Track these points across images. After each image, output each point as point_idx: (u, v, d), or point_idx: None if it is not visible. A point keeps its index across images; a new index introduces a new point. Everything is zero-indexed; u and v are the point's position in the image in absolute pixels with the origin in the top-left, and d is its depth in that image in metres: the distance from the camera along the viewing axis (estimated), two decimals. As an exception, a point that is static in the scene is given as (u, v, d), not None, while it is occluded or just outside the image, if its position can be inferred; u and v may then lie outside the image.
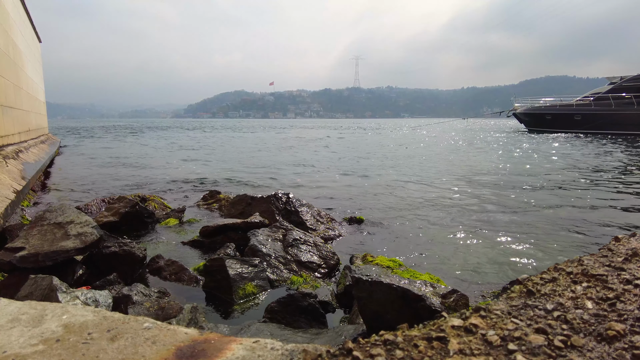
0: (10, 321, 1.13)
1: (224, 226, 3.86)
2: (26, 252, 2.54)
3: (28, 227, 2.89)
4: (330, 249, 3.53)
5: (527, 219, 5.00)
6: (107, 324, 1.12)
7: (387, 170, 10.28)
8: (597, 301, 1.13)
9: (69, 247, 2.67)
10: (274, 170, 10.41)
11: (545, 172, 9.38)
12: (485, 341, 0.94)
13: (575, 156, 13.05)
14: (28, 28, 11.82)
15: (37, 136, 11.72)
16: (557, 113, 30.02)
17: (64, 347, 1.00)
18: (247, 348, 1.00)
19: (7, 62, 7.60)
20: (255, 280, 2.82)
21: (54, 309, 1.21)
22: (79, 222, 2.93)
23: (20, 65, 9.45)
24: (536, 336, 0.95)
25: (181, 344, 1.02)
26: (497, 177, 8.70)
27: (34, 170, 6.67)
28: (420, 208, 5.71)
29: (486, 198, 6.37)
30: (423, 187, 7.57)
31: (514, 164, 11.18)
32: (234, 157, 14.01)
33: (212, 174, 9.37)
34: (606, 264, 1.38)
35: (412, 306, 1.82)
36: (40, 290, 2.10)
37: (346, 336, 1.91)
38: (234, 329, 2.09)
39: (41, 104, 14.12)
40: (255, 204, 4.66)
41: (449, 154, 14.90)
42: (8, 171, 5.13)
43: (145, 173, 9.65)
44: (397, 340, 0.96)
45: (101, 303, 2.16)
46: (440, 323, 1.03)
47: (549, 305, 1.11)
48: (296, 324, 2.24)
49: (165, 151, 16.60)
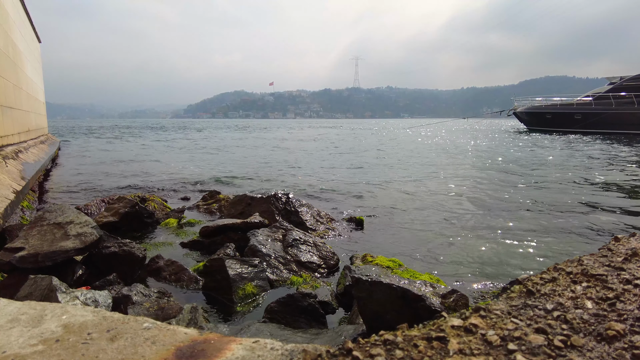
0: (9, 321, 1.13)
1: (223, 226, 3.86)
2: (26, 253, 2.54)
3: (27, 227, 2.89)
4: (330, 249, 3.53)
5: (526, 219, 5.00)
6: (106, 324, 1.12)
7: (386, 170, 10.28)
8: (596, 301, 1.13)
9: (68, 248, 2.67)
10: (274, 170, 10.41)
11: (545, 171, 9.39)
12: (485, 341, 0.94)
13: (575, 155, 13.06)
14: (28, 28, 11.82)
15: (37, 136, 11.72)
16: (558, 112, 30.04)
17: (63, 347, 1.00)
18: (247, 348, 1.00)
19: (7, 63, 7.59)
20: (255, 280, 2.82)
21: (54, 309, 1.21)
22: (78, 222, 2.93)
23: (20, 65, 9.44)
24: (536, 336, 0.95)
25: (181, 344, 1.02)
26: (496, 176, 8.70)
27: (33, 171, 6.67)
28: (419, 208, 5.71)
29: (485, 198, 6.37)
30: (422, 187, 7.57)
31: (513, 163, 11.18)
32: (234, 157, 14.01)
33: (212, 174, 9.37)
34: (606, 263, 1.38)
35: (412, 306, 1.82)
36: (40, 291, 2.09)
37: (346, 336, 1.91)
38: (234, 329, 2.09)
39: (41, 104, 14.12)
40: (255, 204, 4.66)
41: (448, 153, 14.91)
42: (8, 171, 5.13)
43: (145, 173, 9.65)
44: (397, 340, 0.96)
45: (101, 303, 2.16)
46: (440, 323, 1.03)
47: (549, 305, 1.11)
48: (296, 324, 2.24)
49: (165, 151, 16.60)
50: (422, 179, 8.62)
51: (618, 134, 26.16)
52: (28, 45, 11.29)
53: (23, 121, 9.29)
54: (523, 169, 10.05)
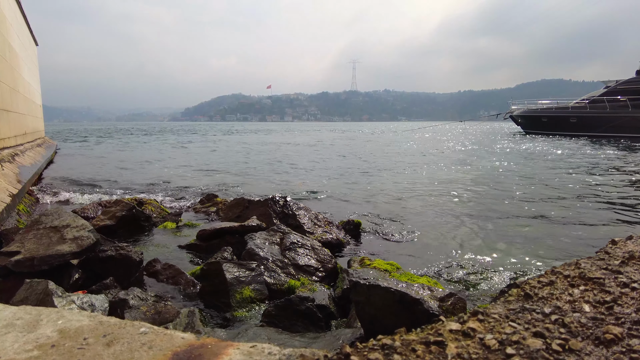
0: (5, 326, 1.12)
1: (221, 230, 3.85)
2: (21, 257, 2.52)
3: (23, 231, 2.87)
4: (328, 253, 3.52)
5: (523, 223, 5.01)
6: (103, 329, 1.11)
7: (384, 173, 10.29)
8: (594, 304, 1.13)
9: (64, 251, 2.65)
10: (271, 173, 10.40)
11: (541, 174, 9.42)
12: (483, 345, 0.94)
13: (570, 159, 13.11)
14: (25, 31, 11.80)
15: (34, 139, 11.68)
16: (553, 115, 30.19)
17: (59, 352, 0.99)
18: (244, 353, 0.99)
19: (4, 65, 7.57)
20: (252, 284, 2.81)
21: (49, 314, 1.20)
22: (75, 226, 2.91)
23: (17, 68, 9.42)
24: (534, 340, 0.95)
25: (178, 349, 1.02)
26: (493, 180, 8.72)
27: (30, 174, 6.64)
28: (417, 212, 5.72)
29: (483, 202, 6.39)
30: (420, 190, 7.58)
31: (510, 166, 11.22)
32: (231, 160, 14.00)
33: (209, 177, 9.35)
34: (603, 267, 1.38)
35: (409, 310, 1.81)
36: (36, 295, 2.08)
37: (344, 340, 1.90)
38: (231, 334, 2.08)
39: (37, 107, 14.08)
40: (253, 207, 4.65)
41: (444, 157, 14.94)
42: (4, 174, 5.10)
43: (142, 176, 9.63)
44: (395, 344, 0.95)
45: (97, 307, 2.14)
46: (438, 327, 1.03)
47: (547, 309, 1.11)
48: (293, 328, 2.23)
49: (163, 154, 16.56)
50: (419, 182, 8.63)
51: (613, 137, 26.29)
52: (25, 47, 11.27)
53: (19, 124, 9.25)
54: (519, 172, 10.08)
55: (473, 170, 10.60)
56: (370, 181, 8.76)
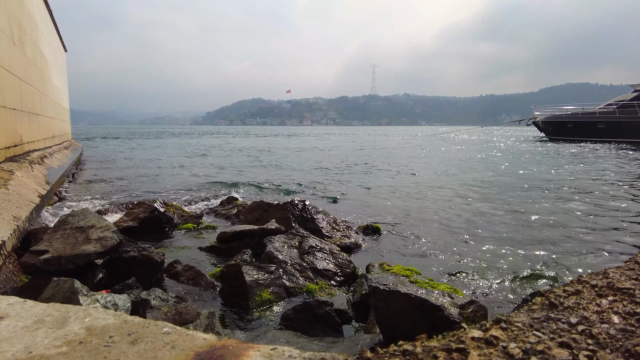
0: (35, 322, 1.16)
1: (240, 232, 3.89)
2: (49, 255, 2.61)
3: (51, 230, 2.97)
4: (346, 257, 3.51)
5: (548, 229, 4.89)
6: (127, 328, 1.14)
7: (404, 178, 10.21)
8: (624, 316, 1.09)
9: (90, 251, 2.72)
10: (291, 177, 10.45)
11: (567, 181, 9.18)
12: (506, 354, 0.92)
13: (599, 165, 12.73)
14: (55, 37, 12.23)
15: (61, 142, 12.06)
16: (579, 121, 29.36)
17: (86, 349, 1.02)
18: (265, 355, 1.00)
19: (34, 71, 7.86)
20: (271, 287, 2.82)
21: (77, 312, 1.23)
22: (99, 227, 2.99)
23: (47, 73, 9.76)
24: (560, 350, 0.92)
25: (199, 350, 1.03)
26: (517, 186, 8.54)
27: (57, 175, 6.86)
28: (437, 217, 5.65)
29: (506, 207, 6.26)
30: (440, 195, 7.49)
31: (534, 172, 10.97)
32: (251, 164, 14.13)
33: (229, 180, 9.46)
34: (633, 277, 1.34)
35: (429, 316, 1.79)
36: (62, 293, 2.14)
37: (362, 345, 1.89)
38: (250, 336, 2.09)
39: (65, 111, 14.54)
40: (272, 210, 4.68)
41: (467, 162, 14.72)
42: (33, 176, 5.29)
43: (164, 178, 9.82)
44: (416, 350, 0.95)
45: (120, 307, 2.19)
46: (460, 334, 1.02)
47: (573, 319, 1.08)
48: (312, 332, 2.23)
49: (185, 157, 16.85)
50: (439, 187, 8.52)
51: None
52: (54, 54, 11.68)
53: (48, 127, 9.58)
54: (545, 178, 9.85)
55: (497, 177, 10.41)
56: (390, 185, 8.70)
